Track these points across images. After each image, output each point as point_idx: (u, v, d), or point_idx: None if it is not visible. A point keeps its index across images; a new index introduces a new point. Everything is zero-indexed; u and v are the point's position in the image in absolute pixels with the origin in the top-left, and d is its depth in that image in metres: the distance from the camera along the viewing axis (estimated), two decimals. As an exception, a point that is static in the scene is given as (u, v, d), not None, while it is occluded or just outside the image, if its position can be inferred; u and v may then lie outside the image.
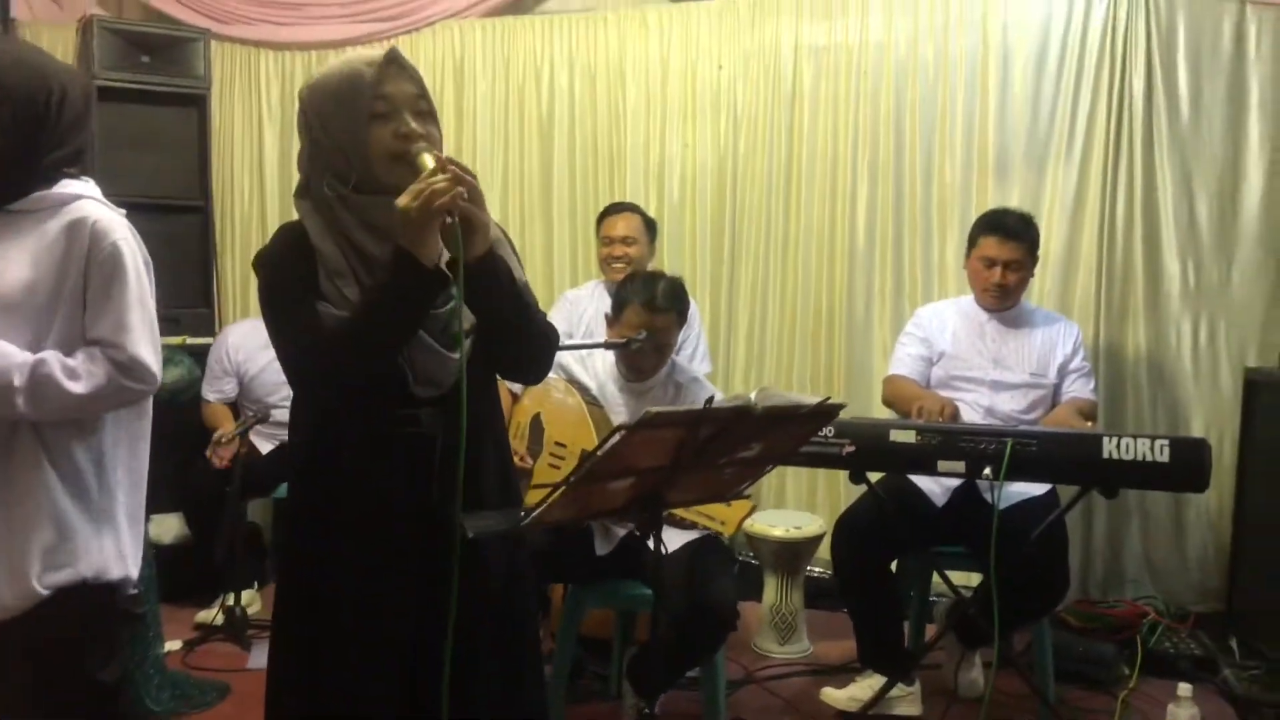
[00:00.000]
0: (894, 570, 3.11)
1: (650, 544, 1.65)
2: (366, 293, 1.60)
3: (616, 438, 1.27)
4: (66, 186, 1.81)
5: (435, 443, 1.64)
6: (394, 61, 1.63)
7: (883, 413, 3.28)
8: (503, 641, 1.75)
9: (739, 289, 4.19)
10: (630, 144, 4.24)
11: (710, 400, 1.30)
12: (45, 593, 1.75)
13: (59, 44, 4.52)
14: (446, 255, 1.59)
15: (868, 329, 4.02)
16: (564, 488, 1.33)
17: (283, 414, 3.85)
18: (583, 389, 2.77)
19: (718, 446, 1.43)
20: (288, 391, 4.02)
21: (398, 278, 1.56)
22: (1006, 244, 3.10)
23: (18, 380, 1.71)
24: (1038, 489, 2.90)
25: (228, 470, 3.66)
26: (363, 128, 1.61)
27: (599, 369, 2.81)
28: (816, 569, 3.78)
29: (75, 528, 1.79)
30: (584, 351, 2.82)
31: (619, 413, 2.72)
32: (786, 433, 1.53)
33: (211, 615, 3.68)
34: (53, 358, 1.75)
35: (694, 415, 1.30)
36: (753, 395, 1.39)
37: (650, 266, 3.77)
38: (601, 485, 1.38)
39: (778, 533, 3.52)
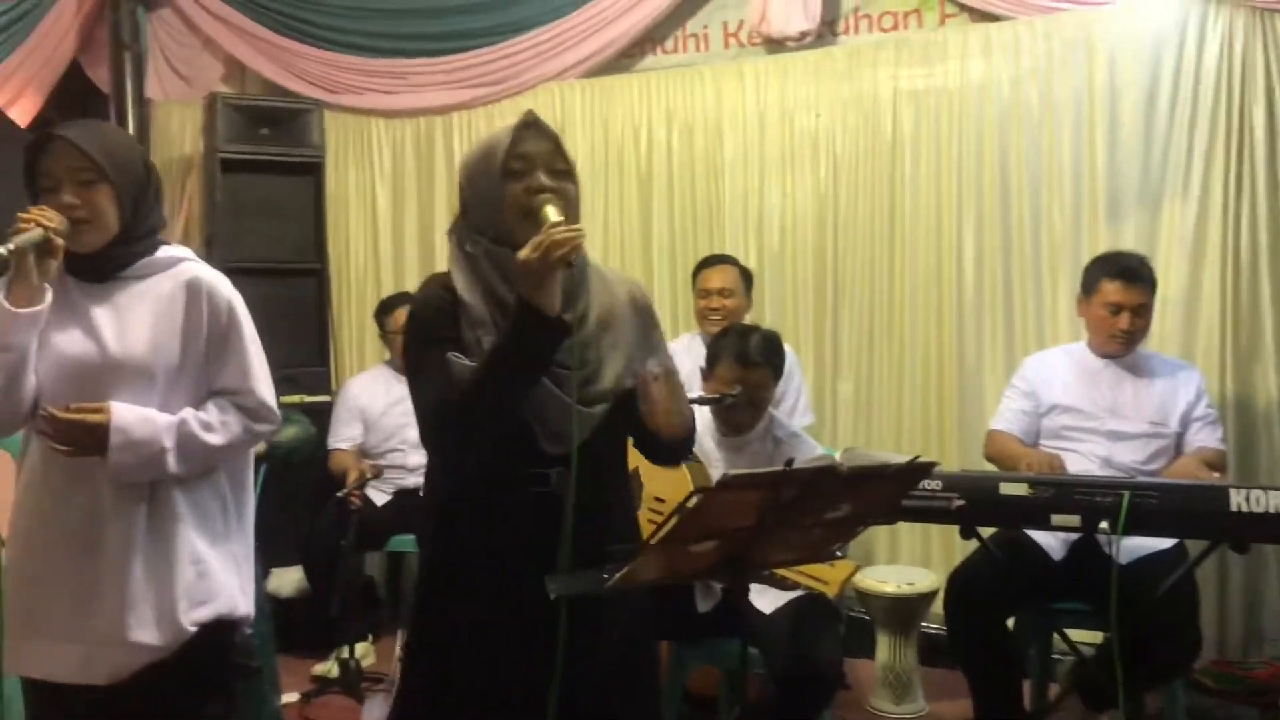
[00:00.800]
0: (1011, 628, 2.99)
1: (747, 603, 1.63)
2: (492, 344, 1.65)
3: (694, 501, 1.26)
4: (166, 251, 1.94)
5: (563, 502, 1.65)
6: (530, 125, 1.72)
7: (995, 464, 3.17)
8: (623, 699, 1.74)
9: (843, 339, 4.13)
10: (729, 195, 4.24)
11: (790, 462, 1.27)
12: (193, 630, 1.84)
13: (187, 120, 4.80)
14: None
15: (979, 377, 3.90)
16: (646, 550, 1.32)
17: (397, 457, 3.96)
18: (681, 443, 2.75)
19: (803, 507, 1.40)
20: (406, 435, 4.13)
21: (518, 327, 1.61)
22: (1132, 288, 2.97)
23: (168, 442, 1.81)
24: (1164, 542, 2.76)
25: (344, 523, 3.73)
26: (497, 185, 1.70)
27: (696, 423, 2.79)
28: (932, 625, 3.66)
29: (210, 566, 1.88)
30: (681, 406, 2.80)
31: (716, 467, 2.70)
32: (876, 493, 1.49)
33: (327, 668, 3.75)
34: (190, 415, 1.86)
35: (774, 476, 1.28)
36: (838, 455, 1.36)
37: (748, 318, 3.75)
38: (685, 547, 1.36)
39: (889, 589, 3.43)
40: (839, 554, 1.64)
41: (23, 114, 4.81)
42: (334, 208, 4.74)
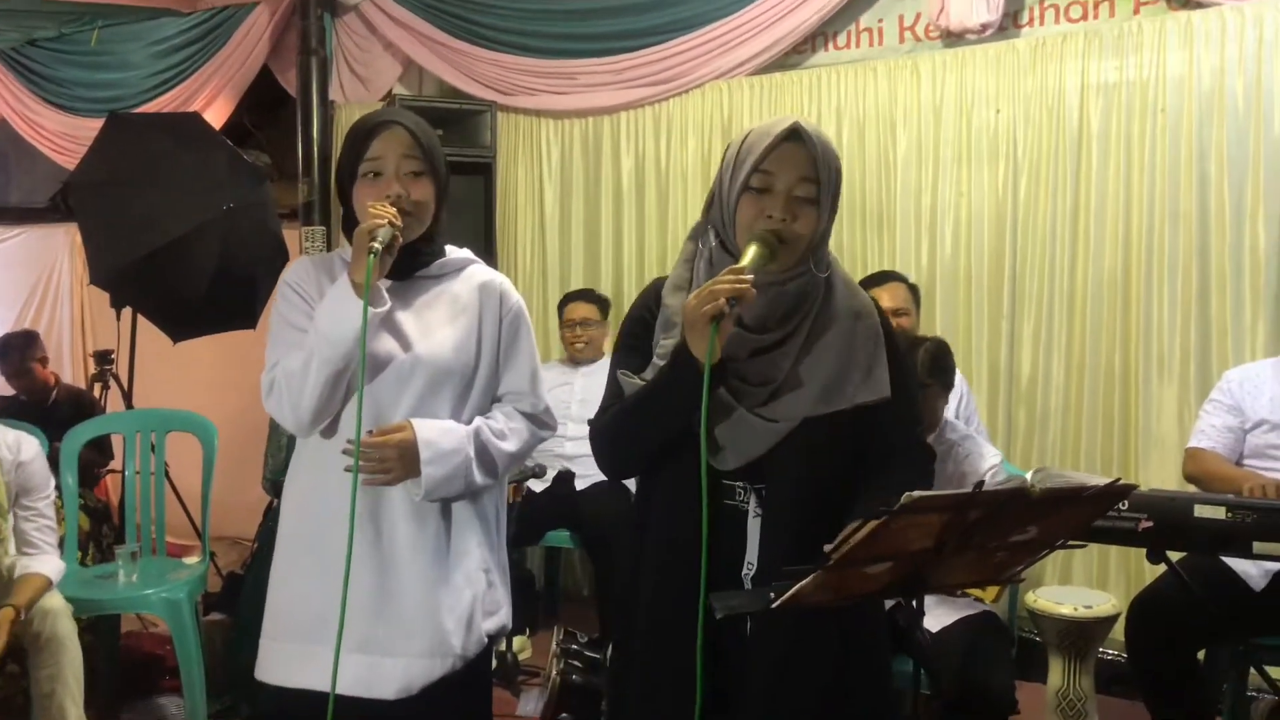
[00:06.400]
0: (1201, 661, 2.78)
1: (917, 623, 1.54)
2: (649, 381, 1.61)
3: (875, 523, 1.19)
4: (454, 252, 1.92)
5: (745, 517, 1.61)
6: (790, 136, 1.57)
7: (1181, 484, 2.96)
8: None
9: (1020, 346, 3.93)
10: (900, 193, 4.10)
11: (980, 484, 1.19)
12: (486, 639, 1.84)
13: (366, 121, 4.95)
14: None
15: (1164, 392, 3.65)
16: (816, 572, 1.27)
17: (554, 444, 3.97)
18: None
19: (988, 530, 1.31)
20: (564, 425, 4.12)
21: (670, 371, 1.56)
22: None
23: (470, 451, 1.78)
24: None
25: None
26: (736, 196, 1.60)
27: None
28: (1110, 651, 3.45)
29: (495, 576, 1.88)
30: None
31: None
32: (1067, 515, 1.39)
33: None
34: (482, 424, 1.83)
35: (961, 499, 1.20)
36: (1028, 475, 1.28)
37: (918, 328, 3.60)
38: (858, 570, 1.30)
39: (1064, 610, 3.24)
40: (1022, 578, 1.54)
41: (216, 116, 5.09)
42: (504, 205, 4.81)
